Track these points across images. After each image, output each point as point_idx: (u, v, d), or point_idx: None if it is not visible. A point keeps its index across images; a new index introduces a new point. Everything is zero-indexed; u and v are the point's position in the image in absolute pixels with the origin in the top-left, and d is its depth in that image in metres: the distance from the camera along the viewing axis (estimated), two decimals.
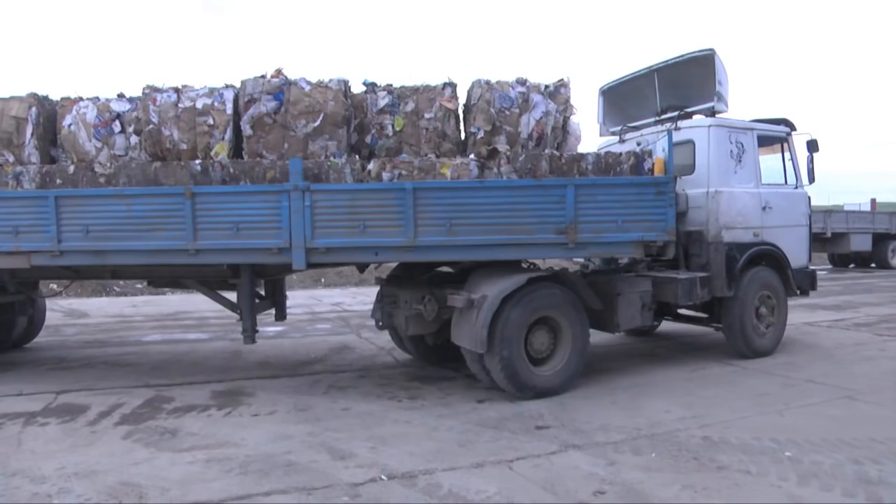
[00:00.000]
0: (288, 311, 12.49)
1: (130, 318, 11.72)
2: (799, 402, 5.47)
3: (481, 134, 6.10)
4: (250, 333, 6.42)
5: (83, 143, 6.14)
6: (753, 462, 4.07)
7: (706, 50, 7.24)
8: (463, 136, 6.38)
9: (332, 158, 5.88)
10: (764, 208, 7.41)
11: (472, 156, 6.03)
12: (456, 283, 6.20)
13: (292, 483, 3.82)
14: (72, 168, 5.96)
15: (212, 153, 5.95)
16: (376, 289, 7.00)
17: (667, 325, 8.77)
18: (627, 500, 3.58)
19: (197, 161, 5.87)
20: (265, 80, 5.91)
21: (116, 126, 6.17)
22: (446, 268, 6.95)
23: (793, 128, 8.04)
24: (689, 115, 7.63)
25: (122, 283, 13.36)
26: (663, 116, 7.85)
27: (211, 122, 5.96)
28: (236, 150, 6.12)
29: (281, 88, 5.89)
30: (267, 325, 10.61)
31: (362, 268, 7.49)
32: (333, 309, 12.47)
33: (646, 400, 5.63)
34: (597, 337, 8.88)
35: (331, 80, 5.98)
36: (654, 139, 7.33)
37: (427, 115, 6.08)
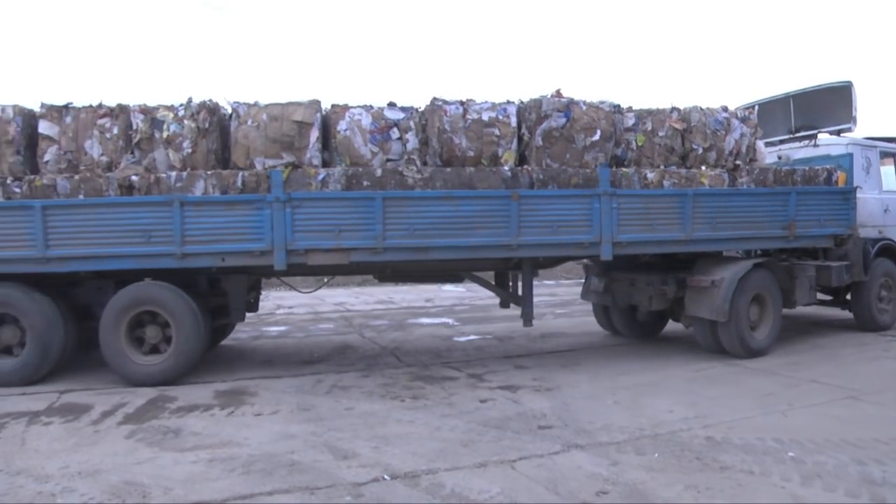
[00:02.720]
0: (290, 310, 12.57)
1: None
2: (802, 403, 5.46)
3: (700, 150, 7.44)
4: (530, 317, 7.26)
5: (358, 148, 6.53)
6: (757, 462, 4.07)
7: (845, 81, 8.87)
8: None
9: (599, 167, 6.78)
10: (885, 210, 9.06)
11: (703, 167, 7.34)
12: (682, 269, 7.48)
13: (295, 483, 3.83)
14: (379, 171, 6.35)
15: (501, 160, 6.76)
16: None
17: (668, 327, 8.77)
18: (630, 500, 3.58)
19: (507, 167, 6.65)
20: (554, 98, 6.78)
21: (394, 133, 6.59)
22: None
23: None
24: (815, 135, 9.16)
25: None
26: (797, 134, 9.43)
27: (497, 132, 6.72)
28: (521, 158, 6.90)
29: (568, 107, 6.79)
30: (269, 324, 10.64)
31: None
32: (336, 309, 12.47)
33: (649, 400, 5.63)
34: (599, 338, 8.92)
35: (602, 102, 7.02)
36: (793, 153, 9.21)
37: (660, 133, 7.38)
